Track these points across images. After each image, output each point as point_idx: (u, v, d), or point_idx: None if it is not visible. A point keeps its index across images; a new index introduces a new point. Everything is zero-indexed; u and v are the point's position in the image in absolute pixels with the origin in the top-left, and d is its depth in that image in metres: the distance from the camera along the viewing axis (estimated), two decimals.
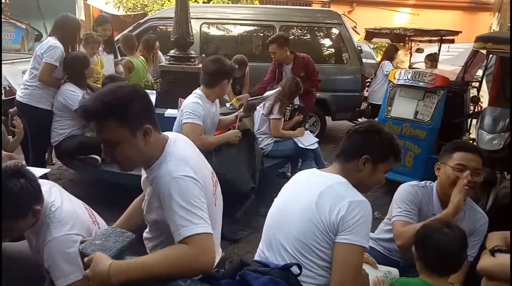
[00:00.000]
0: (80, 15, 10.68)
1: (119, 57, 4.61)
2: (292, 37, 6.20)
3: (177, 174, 1.33)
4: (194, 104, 2.79)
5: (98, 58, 3.94)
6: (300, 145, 3.80)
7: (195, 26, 5.15)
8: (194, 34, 4.35)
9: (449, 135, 4.31)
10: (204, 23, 5.89)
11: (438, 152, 4.15)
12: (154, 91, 3.85)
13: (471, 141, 4.12)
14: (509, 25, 4.03)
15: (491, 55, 4.31)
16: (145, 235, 1.60)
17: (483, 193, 3.28)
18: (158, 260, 1.27)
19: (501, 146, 3.56)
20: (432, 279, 1.51)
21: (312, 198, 1.43)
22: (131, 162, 1.43)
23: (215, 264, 1.59)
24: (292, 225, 1.46)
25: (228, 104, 4.11)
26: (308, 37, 6.35)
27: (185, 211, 1.28)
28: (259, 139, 3.75)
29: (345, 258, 1.36)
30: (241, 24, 6.13)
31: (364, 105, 6.60)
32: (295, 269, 1.37)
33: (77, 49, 3.57)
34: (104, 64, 4.06)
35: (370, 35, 6.72)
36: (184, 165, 1.37)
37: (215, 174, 1.64)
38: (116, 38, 5.07)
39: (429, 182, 2.07)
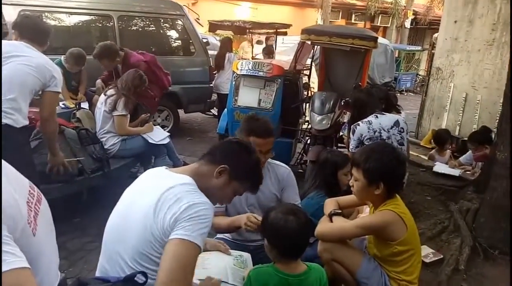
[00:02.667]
0: None
1: None
2: (133, 28, 5.90)
3: None
4: None
5: None
6: (150, 141, 3.63)
7: (11, 14, 4.35)
8: (9, 24, 3.66)
9: (288, 119, 4.78)
10: (23, 10, 5.02)
11: (281, 135, 4.62)
12: None
13: (306, 123, 4.64)
14: None
15: (316, 46, 4.91)
16: None
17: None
18: None
19: (329, 125, 4.10)
20: (286, 265, 1.59)
21: (151, 204, 1.32)
22: None
23: None
24: (130, 235, 1.34)
25: (61, 104, 3.64)
26: (150, 28, 6.10)
27: None
28: (103, 139, 3.43)
29: (174, 254, 1.23)
30: (72, 13, 5.46)
31: (214, 96, 6.74)
32: (140, 277, 1.26)
33: None
34: None
35: (214, 27, 6.87)
36: None
37: (35, 188, 1.39)
38: None
39: None
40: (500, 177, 2.82)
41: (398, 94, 14.16)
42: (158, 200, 1.31)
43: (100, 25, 5.70)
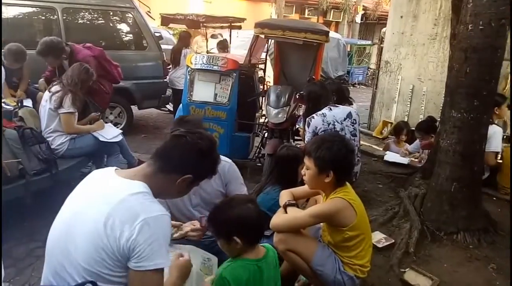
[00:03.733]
0: None
1: None
2: (80, 21, 5.60)
3: None
4: None
5: None
6: (101, 139, 3.47)
7: None
8: None
9: (245, 113, 4.79)
10: None
11: (239, 129, 4.62)
12: None
13: (263, 116, 4.67)
14: None
15: (270, 40, 4.94)
16: None
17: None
18: None
19: (285, 118, 4.15)
20: (253, 251, 1.61)
21: (100, 217, 1.22)
22: None
23: None
24: (78, 251, 1.24)
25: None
26: (99, 22, 5.83)
27: None
28: (50, 138, 3.24)
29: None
30: (12, 5, 5.07)
31: (169, 91, 6.62)
32: None
33: None
34: None
35: (166, 20, 6.70)
36: None
37: None
38: None
39: None
40: (444, 163, 3.00)
41: (351, 87, 14.65)
42: (108, 216, 1.21)
43: (43, 18, 5.35)
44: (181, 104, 4.58)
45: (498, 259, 2.65)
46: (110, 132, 3.58)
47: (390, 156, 4.66)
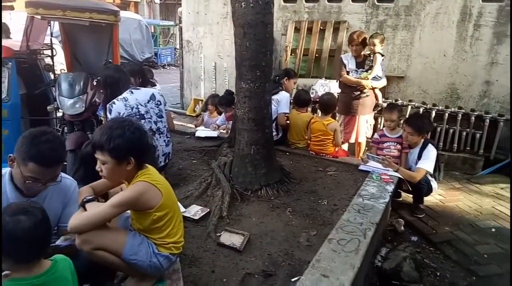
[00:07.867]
0: None
1: None
2: None
3: None
4: None
5: None
6: None
7: None
8: None
9: (36, 109, 4.16)
10: None
11: (28, 127, 3.97)
12: None
13: (58, 109, 4.13)
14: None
15: (53, 22, 4.34)
16: None
17: None
18: None
19: (84, 108, 3.80)
20: (29, 269, 1.39)
21: None
22: None
23: None
24: None
25: None
26: None
27: None
28: None
29: None
30: None
31: None
32: None
33: None
34: None
35: None
36: None
37: None
38: None
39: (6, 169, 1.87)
40: (242, 130, 3.32)
41: (161, 68, 14.55)
42: None
43: None
44: None
45: (293, 203, 3.16)
46: None
47: (201, 132, 4.89)
